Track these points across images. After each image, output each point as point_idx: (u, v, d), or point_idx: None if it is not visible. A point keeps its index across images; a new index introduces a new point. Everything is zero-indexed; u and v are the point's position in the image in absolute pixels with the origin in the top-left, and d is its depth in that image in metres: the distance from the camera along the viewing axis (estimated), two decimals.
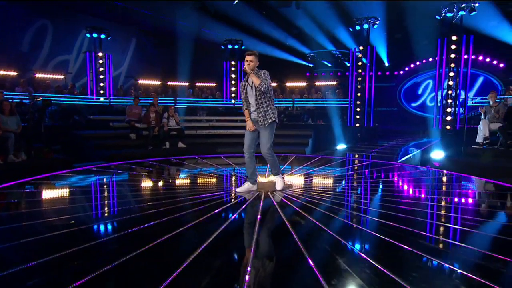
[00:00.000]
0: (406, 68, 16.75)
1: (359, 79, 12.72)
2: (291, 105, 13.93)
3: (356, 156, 9.47)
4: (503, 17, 12.94)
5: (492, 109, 9.29)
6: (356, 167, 7.63)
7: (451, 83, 11.31)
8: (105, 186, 5.79)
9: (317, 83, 16.20)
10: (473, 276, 2.45)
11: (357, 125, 12.50)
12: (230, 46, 15.01)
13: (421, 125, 14.97)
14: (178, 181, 6.29)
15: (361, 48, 12.75)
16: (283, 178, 5.38)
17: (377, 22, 12.52)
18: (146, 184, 5.96)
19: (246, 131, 5.05)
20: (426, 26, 14.65)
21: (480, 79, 15.11)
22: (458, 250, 3.00)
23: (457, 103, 11.21)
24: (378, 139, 12.54)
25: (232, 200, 4.71)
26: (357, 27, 12.72)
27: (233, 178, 6.27)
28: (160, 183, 6.10)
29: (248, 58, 4.78)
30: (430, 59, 16.10)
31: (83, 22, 14.23)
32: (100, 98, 14.07)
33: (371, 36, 13.44)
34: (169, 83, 16.80)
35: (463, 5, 10.90)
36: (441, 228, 3.60)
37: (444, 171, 7.25)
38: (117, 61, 15.71)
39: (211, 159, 8.58)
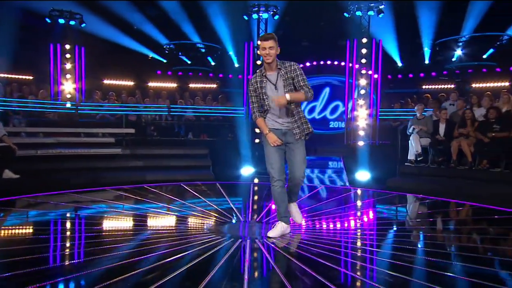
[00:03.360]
0: None
1: None
2: (166, 113, 11.44)
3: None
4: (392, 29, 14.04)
5: (420, 122, 9.59)
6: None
7: (362, 92, 11.35)
8: None
9: (192, 85, 14.16)
10: None
11: (257, 140, 11.14)
12: (62, 21, 11.34)
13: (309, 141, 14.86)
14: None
15: (258, 43, 11.48)
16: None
17: (277, 12, 11.63)
18: None
19: (270, 148, 4.19)
20: (311, 26, 14.80)
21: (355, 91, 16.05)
22: None
23: (369, 115, 11.33)
24: None
25: None
26: (254, 15, 11.49)
27: None
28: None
29: (265, 44, 3.83)
30: (307, 64, 16.31)
31: None
32: None
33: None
34: None
35: (371, 4, 11.13)
36: None
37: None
38: None
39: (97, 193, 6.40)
